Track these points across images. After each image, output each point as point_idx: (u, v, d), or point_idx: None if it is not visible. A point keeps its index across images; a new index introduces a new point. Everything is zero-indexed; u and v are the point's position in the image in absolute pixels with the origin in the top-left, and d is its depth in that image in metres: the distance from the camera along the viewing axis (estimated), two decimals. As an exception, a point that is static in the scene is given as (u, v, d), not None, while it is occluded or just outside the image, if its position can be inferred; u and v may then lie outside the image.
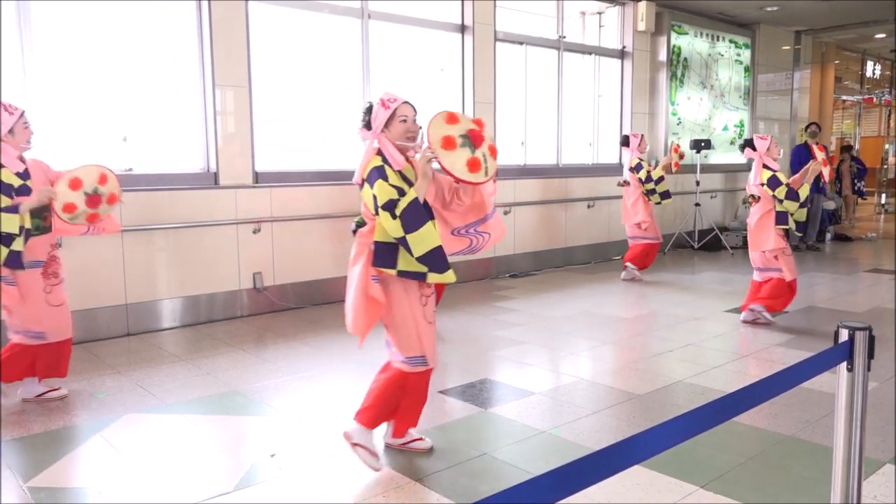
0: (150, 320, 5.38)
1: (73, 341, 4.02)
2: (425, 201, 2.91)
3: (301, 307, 6.17)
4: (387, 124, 2.92)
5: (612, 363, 4.55)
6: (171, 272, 5.49)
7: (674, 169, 8.02)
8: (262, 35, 6.08)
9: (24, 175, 3.73)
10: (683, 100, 10.24)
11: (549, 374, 4.31)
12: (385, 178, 2.83)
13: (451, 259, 2.94)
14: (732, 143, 11.31)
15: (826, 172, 5.51)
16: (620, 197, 9.11)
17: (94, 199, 3.80)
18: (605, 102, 9.54)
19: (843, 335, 1.92)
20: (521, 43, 8.22)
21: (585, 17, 9.48)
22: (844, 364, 1.92)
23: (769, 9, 10.28)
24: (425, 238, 2.78)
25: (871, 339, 1.91)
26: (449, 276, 2.86)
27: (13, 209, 3.56)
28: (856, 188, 12.49)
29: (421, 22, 7.18)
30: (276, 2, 6.15)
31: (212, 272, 5.71)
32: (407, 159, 2.98)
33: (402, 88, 7.15)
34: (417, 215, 2.78)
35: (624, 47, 9.48)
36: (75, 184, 3.75)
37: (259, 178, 6.04)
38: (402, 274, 2.87)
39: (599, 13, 9.47)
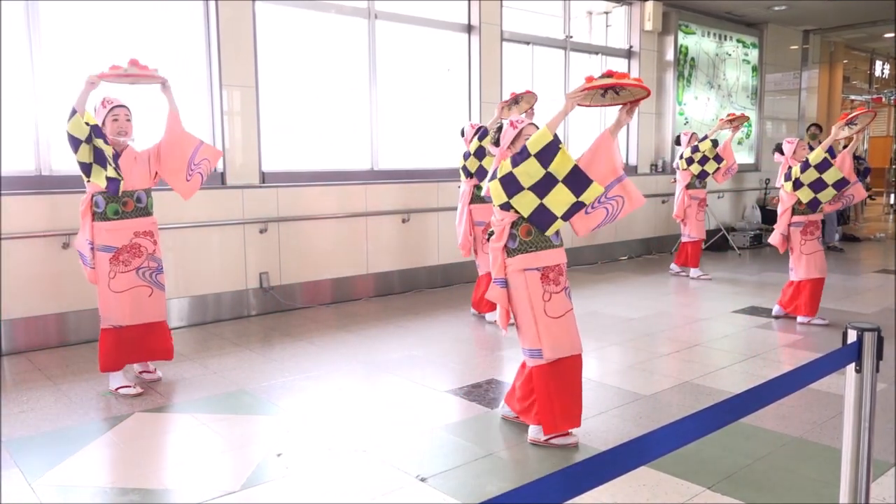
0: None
1: (124, 332, 4.00)
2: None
3: (308, 307, 6.19)
4: (514, 141, 3.25)
5: (618, 364, 4.54)
6: (179, 272, 5.50)
7: (731, 127, 7.68)
8: (269, 35, 6.10)
9: (114, 161, 3.93)
10: (691, 99, 10.21)
11: (555, 375, 4.31)
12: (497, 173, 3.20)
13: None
14: (740, 143, 11.27)
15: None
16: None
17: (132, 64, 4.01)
18: (612, 102, 9.51)
19: (852, 336, 1.91)
20: (528, 43, 8.22)
21: (592, 17, 9.46)
22: (853, 365, 1.91)
23: (777, 8, 10.24)
24: (540, 138, 3.08)
25: (880, 341, 1.90)
26: (596, 189, 3.11)
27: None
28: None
29: (427, 22, 7.19)
30: (283, 2, 6.17)
31: (219, 272, 5.72)
32: None
33: (408, 88, 7.22)
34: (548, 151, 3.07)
35: (631, 47, 9.47)
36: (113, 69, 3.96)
37: (266, 178, 6.05)
38: (565, 217, 3.16)
39: (606, 13, 9.46)
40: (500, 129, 3.38)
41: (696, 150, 7.47)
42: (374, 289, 6.68)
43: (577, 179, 3.09)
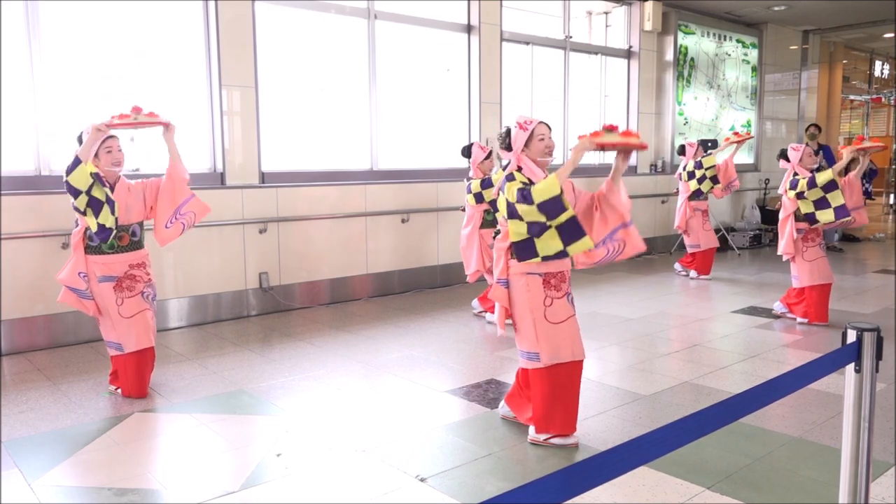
0: (158, 320, 5.36)
1: (144, 354, 3.95)
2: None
3: (307, 307, 6.18)
4: (526, 144, 3.21)
5: (618, 364, 4.54)
6: (178, 272, 5.50)
7: (735, 143, 7.71)
8: (268, 35, 6.10)
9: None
10: (690, 100, 10.22)
11: (555, 375, 4.31)
12: (513, 180, 3.12)
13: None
14: (740, 143, 11.26)
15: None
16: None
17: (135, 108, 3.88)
18: (611, 102, 9.53)
19: (851, 336, 1.91)
20: (528, 43, 8.22)
21: (592, 17, 9.47)
22: (852, 365, 1.91)
23: (776, 8, 10.24)
24: (547, 189, 2.99)
25: (880, 341, 1.90)
26: (586, 243, 3.04)
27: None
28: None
29: (427, 22, 7.19)
30: (283, 2, 6.17)
31: (218, 272, 5.72)
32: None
33: (408, 89, 7.21)
34: (555, 205, 2.99)
35: (630, 47, 9.47)
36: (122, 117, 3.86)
37: (265, 178, 6.05)
38: (545, 259, 3.08)
39: (606, 13, 9.46)
40: (507, 132, 3.30)
41: (699, 165, 7.44)
42: (373, 289, 6.68)
43: (571, 229, 3.03)
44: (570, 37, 8.65)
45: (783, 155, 5.57)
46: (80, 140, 3.85)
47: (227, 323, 5.69)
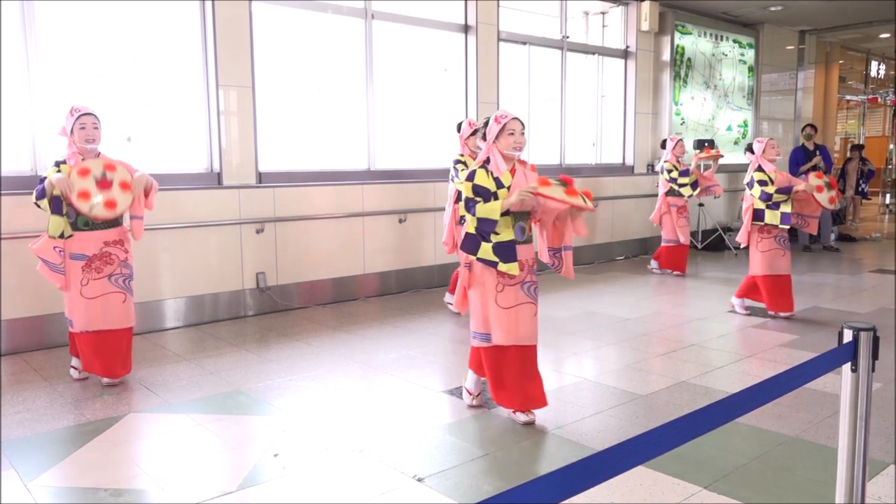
0: (154, 320, 5.39)
1: (103, 335, 4.01)
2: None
3: (304, 307, 6.18)
4: (497, 136, 3.40)
5: (615, 363, 4.54)
6: (175, 272, 5.50)
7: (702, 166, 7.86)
8: (265, 35, 6.09)
9: None
10: (687, 100, 10.23)
11: (552, 375, 4.30)
12: (472, 179, 3.36)
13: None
14: (736, 143, 11.29)
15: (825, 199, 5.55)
16: (624, 197, 9.18)
17: (104, 182, 3.89)
18: (608, 102, 9.54)
19: (848, 336, 1.92)
20: (525, 43, 8.22)
21: (589, 17, 9.47)
22: (849, 365, 1.91)
23: (773, 8, 10.26)
24: (489, 211, 3.29)
25: (876, 340, 1.91)
26: (514, 268, 3.30)
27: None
28: (859, 189, 12.44)
29: (424, 22, 7.18)
30: (280, 2, 6.16)
31: (215, 272, 5.71)
32: (511, 171, 3.41)
33: (405, 89, 7.20)
34: (485, 227, 3.32)
35: (627, 47, 9.48)
36: (83, 172, 3.88)
37: (262, 178, 6.05)
38: (479, 260, 3.37)
39: (603, 13, 9.47)
40: (486, 123, 3.49)
41: (681, 174, 7.63)
42: (370, 289, 6.68)
43: (506, 251, 3.29)
44: (567, 37, 8.66)
45: (749, 148, 5.86)
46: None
47: (224, 323, 5.68)
